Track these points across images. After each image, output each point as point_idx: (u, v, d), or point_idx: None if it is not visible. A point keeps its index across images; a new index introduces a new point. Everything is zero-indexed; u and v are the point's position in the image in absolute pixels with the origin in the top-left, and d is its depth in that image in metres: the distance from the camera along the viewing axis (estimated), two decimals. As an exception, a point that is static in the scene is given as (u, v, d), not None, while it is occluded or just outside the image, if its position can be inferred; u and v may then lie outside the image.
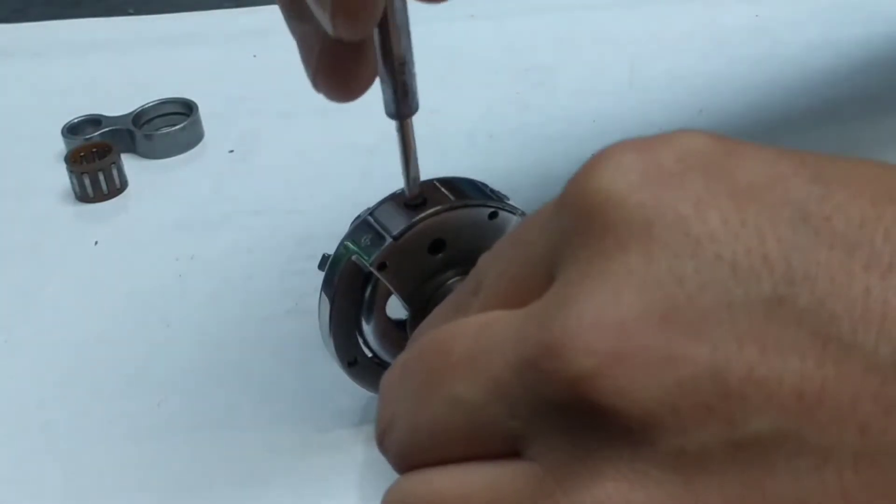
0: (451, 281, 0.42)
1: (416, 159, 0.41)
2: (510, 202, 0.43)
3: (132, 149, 0.66)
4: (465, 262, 0.42)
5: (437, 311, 0.33)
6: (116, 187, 0.63)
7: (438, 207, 0.41)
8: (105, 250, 0.59)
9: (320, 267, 0.42)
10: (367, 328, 0.43)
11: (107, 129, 0.66)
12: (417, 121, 0.65)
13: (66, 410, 0.49)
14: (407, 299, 0.42)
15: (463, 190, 0.42)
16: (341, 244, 0.42)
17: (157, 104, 0.68)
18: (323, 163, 0.63)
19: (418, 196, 0.41)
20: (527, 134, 0.64)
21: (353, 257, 0.41)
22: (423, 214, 0.41)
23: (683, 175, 0.25)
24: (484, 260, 0.31)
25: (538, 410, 0.26)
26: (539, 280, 0.27)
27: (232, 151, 0.65)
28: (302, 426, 0.46)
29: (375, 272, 0.41)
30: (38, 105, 0.72)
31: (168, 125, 0.67)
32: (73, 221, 0.61)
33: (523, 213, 0.43)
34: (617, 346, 0.24)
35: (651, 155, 0.26)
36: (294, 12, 0.38)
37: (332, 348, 0.43)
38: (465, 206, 0.41)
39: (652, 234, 0.25)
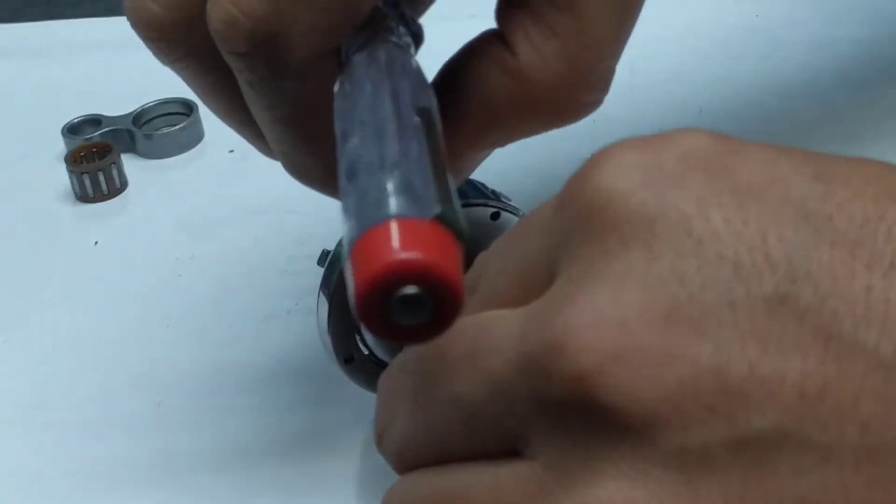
0: None
1: None
2: (512, 203, 0.42)
3: (132, 149, 0.66)
4: (464, 261, 0.41)
5: None
6: (116, 187, 0.62)
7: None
8: (105, 250, 0.59)
9: (319, 263, 0.42)
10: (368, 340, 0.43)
11: (107, 129, 0.66)
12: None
13: (66, 410, 0.49)
14: None
15: (465, 189, 0.42)
16: (341, 241, 0.42)
17: (157, 104, 0.68)
18: (323, 163, 0.63)
19: None
20: (527, 134, 0.64)
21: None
22: None
23: (685, 174, 0.25)
24: (482, 259, 0.31)
25: (539, 409, 0.26)
26: (539, 279, 0.27)
27: (232, 151, 0.65)
28: (301, 426, 0.46)
29: None
30: (38, 105, 0.72)
31: (168, 125, 0.67)
32: (73, 221, 0.61)
33: (525, 215, 0.42)
34: (618, 345, 0.24)
35: (652, 154, 0.26)
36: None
37: (329, 345, 0.43)
38: (469, 204, 0.41)
39: (654, 233, 0.25)
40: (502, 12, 0.35)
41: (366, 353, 0.44)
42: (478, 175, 0.44)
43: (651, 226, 0.25)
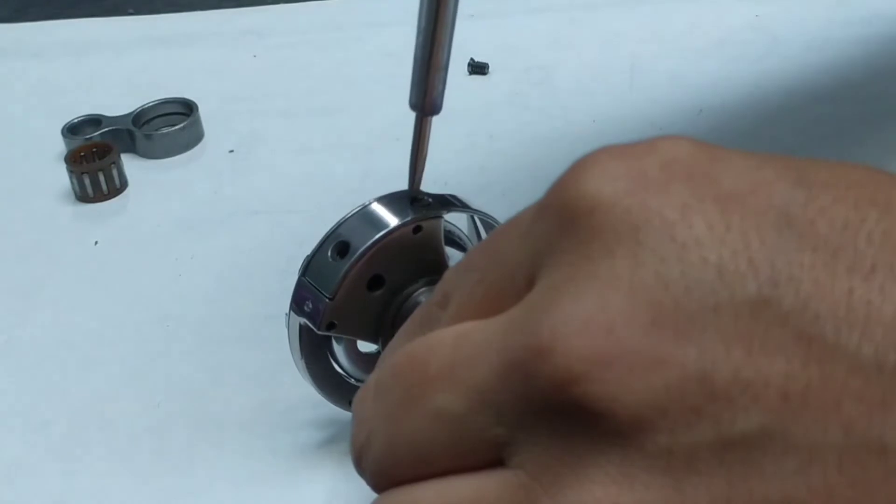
0: (416, 293, 0.42)
1: (424, 158, 0.41)
2: (447, 202, 0.43)
3: (132, 149, 0.66)
4: (407, 282, 0.42)
5: (404, 329, 0.32)
6: (116, 187, 0.63)
7: (361, 250, 0.41)
8: (105, 250, 0.59)
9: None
10: (343, 362, 0.44)
11: (107, 129, 0.66)
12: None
13: (66, 410, 0.49)
14: (370, 338, 0.42)
15: (382, 215, 0.42)
16: (288, 314, 0.43)
17: (157, 104, 0.68)
18: (323, 163, 0.64)
19: (346, 242, 0.41)
20: (527, 134, 0.64)
21: (301, 322, 0.42)
22: (349, 263, 0.41)
23: (668, 182, 0.25)
24: (453, 272, 0.31)
25: (525, 415, 0.25)
26: (518, 287, 0.27)
27: (232, 151, 0.65)
28: (301, 426, 0.46)
29: (327, 333, 0.42)
30: (38, 105, 0.72)
31: (168, 125, 0.67)
32: (73, 221, 0.62)
33: (454, 204, 0.43)
34: (605, 350, 0.24)
35: (635, 162, 0.26)
36: None
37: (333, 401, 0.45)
38: (388, 234, 0.41)
39: (639, 240, 0.25)
40: None
41: (339, 372, 0.44)
42: (478, 175, 0.44)
43: (635, 233, 0.25)
